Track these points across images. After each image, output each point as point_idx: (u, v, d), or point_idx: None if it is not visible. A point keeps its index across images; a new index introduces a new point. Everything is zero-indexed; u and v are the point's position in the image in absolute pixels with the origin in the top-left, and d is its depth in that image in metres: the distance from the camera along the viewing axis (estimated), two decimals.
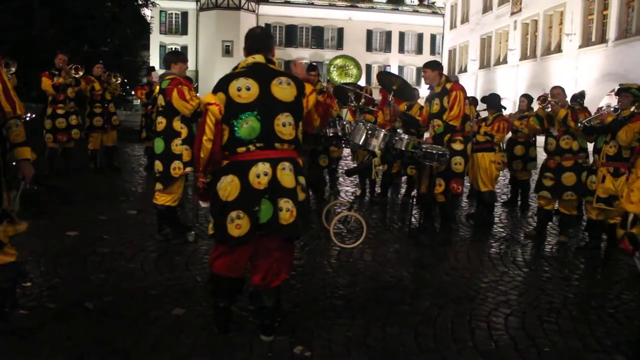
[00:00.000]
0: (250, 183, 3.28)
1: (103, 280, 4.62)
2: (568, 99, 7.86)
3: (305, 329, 3.81)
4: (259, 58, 3.48)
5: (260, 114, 3.30)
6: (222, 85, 3.38)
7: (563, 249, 6.50)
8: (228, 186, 3.31)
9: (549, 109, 6.61)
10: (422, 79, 6.75)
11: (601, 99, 19.33)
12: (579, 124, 6.23)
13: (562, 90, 6.69)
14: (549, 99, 6.65)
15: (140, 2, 22.28)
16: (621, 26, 19.91)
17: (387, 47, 46.73)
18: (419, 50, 46.83)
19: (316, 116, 3.66)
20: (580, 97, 8.37)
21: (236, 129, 3.30)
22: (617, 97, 6.10)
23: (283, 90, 3.38)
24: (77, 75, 9.10)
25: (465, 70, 34.08)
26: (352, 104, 7.52)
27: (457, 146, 6.16)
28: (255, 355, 3.43)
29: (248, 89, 3.32)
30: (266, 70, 3.44)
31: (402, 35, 46.76)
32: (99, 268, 4.90)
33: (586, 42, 22.07)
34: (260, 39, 3.59)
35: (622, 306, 4.68)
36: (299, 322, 3.93)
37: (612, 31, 20.26)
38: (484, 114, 8.66)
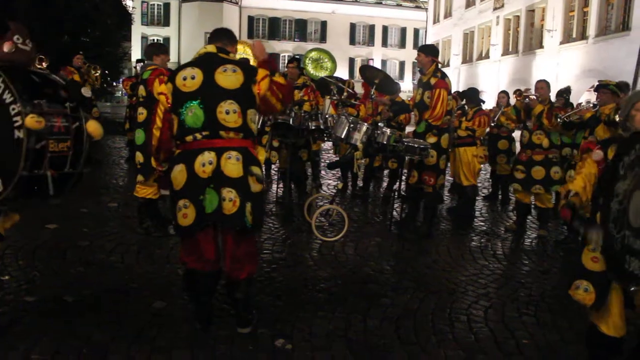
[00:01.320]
0: (196, 172, 3.28)
1: (82, 273, 4.57)
2: (553, 94, 7.94)
3: (287, 321, 3.81)
4: (210, 48, 3.52)
5: (203, 102, 3.31)
6: (171, 76, 3.46)
7: (542, 243, 6.59)
8: (178, 175, 3.33)
9: (527, 101, 6.70)
10: (405, 72, 6.75)
11: (581, 95, 19.54)
12: (559, 120, 6.31)
13: (547, 85, 6.75)
14: (525, 93, 6.74)
15: None
16: (601, 23, 20.13)
17: (370, 41, 46.74)
18: (402, 44, 46.93)
19: (274, 100, 3.51)
20: (566, 92, 8.49)
21: (182, 117, 3.33)
22: (596, 93, 6.18)
23: (227, 77, 3.35)
24: (40, 66, 8.94)
25: (448, 65, 34.23)
26: (335, 97, 7.51)
27: (431, 139, 6.17)
28: (236, 348, 3.42)
29: (193, 77, 3.34)
30: (214, 58, 3.45)
31: (385, 29, 46.79)
32: (79, 261, 4.85)
33: (567, 38, 22.29)
34: (219, 32, 3.64)
35: None
36: (280, 315, 3.93)
37: (592, 28, 20.48)
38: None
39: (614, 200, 2.82)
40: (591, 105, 6.24)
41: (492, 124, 8.50)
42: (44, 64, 9.00)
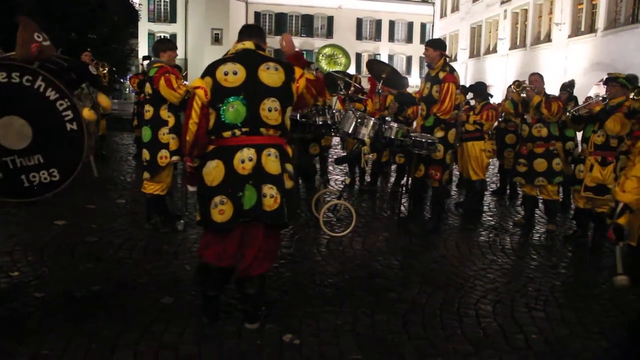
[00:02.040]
0: (235, 168, 3.26)
1: (91, 269, 4.59)
2: (557, 88, 7.89)
3: (294, 316, 3.81)
4: (248, 44, 3.48)
5: (246, 98, 3.29)
6: (210, 70, 3.39)
7: (551, 237, 6.55)
8: (213, 171, 3.29)
9: (524, 94, 6.69)
10: (412, 67, 6.73)
11: (590, 89, 19.42)
12: (568, 114, 6.28)
13: (541, 77, 6.78)
14: (524, 84, 6.72)
15: None
16: (610, 16, 19.95)
17: (377, 36, 46.61)
18: (409, 39, 46.77)
19: (309, 96, 3.60)
20: (569, 86, 8.43)
21: (222, 113, 3.29)
22: (605, 86, 6.12)
23: (270, 75, 3.36)
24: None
25: (455, 59, 34.07)
26: (342, 93, 7.49)
27: (438, 133, 6.16)
28: (243, 343, 3.42)
29: (235, 73, 3.31)
30: (254, 55, 3.43)
31: (392, 23, 46.63)
32: (87, 257, 4.86)
33: (575, 31, 22.12)
34: (251, 28, 3.63)
35: (608, 293, 4.72)
36: (287, 310, 3.93)
37: (601, 21, 20.31)
38: (473, 102, 8.67)
39: None
40: (600, 98, 6.18)
41: (500, 119, 8.46)
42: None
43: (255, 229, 3.41)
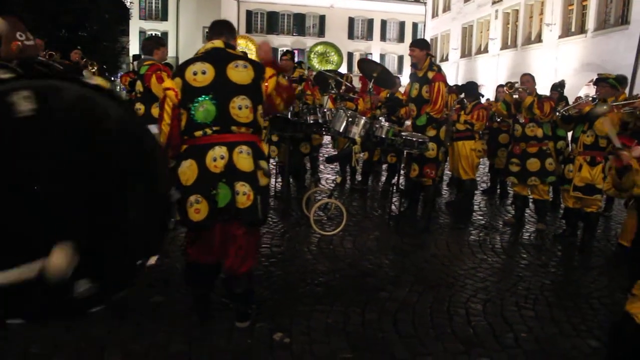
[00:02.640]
0: (207, 167, 3.27)
1: None
2: (548, 88, 7.93)
3: (285, 315, 3.82)
4: (217, 43, 3.49)
5: (215, 97, 3.30)
6: (180, 71, 3.41)
7: (541, 237, 6.59)
8: (187, 170, 3.30)
9: (516, 96, 6.73)
10: (404, 66, 6.77)
11: (580, 89, 19.54)
12: (557, 114, 6.33)
13: (532, 78, 6.82)
14: (516, 86, 6.77)
15: None
16: (600, 17, 20.07)
17: (369, 35, 46.60)
18: (401, 38, 46.80)
19: (279, 100, 3.58)
20: (560, 86, 8.48)
21: (193, 112, 3.31)
22: (595, 87, 6.17)
23: (239, 73, 3.36)
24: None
25: (447, 59, 34.17)
26: (333, 92, 7.49)
27: (430, 132, 6.21)
28: (234, 341, 3.42)
29: (204, 72, 3.32)
30: (223, 54, 3.44)
31: (384, 23, 46.66)
32: None
33: (566, 32, 22.22)
34: (220, 25, 3.62)
35: (596, 292, 4.76)
36: (278, 309, 3.93)
37: (591, 22, 20.41)
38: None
39: None
40: (590, 99, 6.23)
41: (498, 120, 8.45)
42: (56, 57, 8.95)
43: (233, 226, 3.40)
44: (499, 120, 8.41)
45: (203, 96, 3.30)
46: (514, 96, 6.80)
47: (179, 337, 3.44)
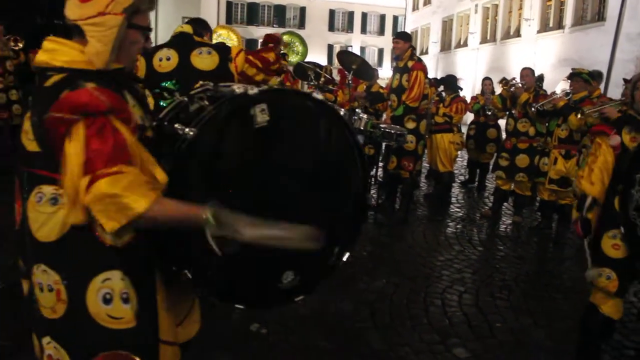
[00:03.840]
0: None
1: None
2: None
3: None
4: (186, 28, 3.58)
5: (178, 82, 3.34)
6: (148, 54, 3.47)
7: (517, 229, 6.68)
8: None
9: (513, 89, 6.76)
10: (384, 59, 6.78)
11: (557, 84, 19.78)
12: (532, 108, 6.39)
13: (532, 72, 6.81)
14: (512, 82, 6.80)
15: None
16: (577, 13, 20.29)
17: (349, 28, 46.56)
18: (381, 31, 46.85)
19: (254, 71, 3.54)
20: (538, 80, 8.54)
21: (156, 98, 3.35)
22: (569, 81, 6.25)
23: (203, 59, 3.41)
24: (16, 48, 8.74)
25: (427, 53, 34.29)
26: (312, 83, 7.48)
27: (410, 124, 6.24)
28: (211, 332, 3.41)
29: (168, 59, 3.41)
30: (189, 41, 3.51)
31: (364, 15, 46.64)
32: None
33: (544, 27, 22.43)
34: (193, 20, 3.76)
35: (569, 282, 4.85)
36: None
37: (568, 17, 20.64)
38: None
39: (635, 188, 2.84)
40: (564, 93, 6.31)
41: (489, 112, 8.41)
42: (19, 44, 8.78)
43: None
44: (489, 113, 8.44)
45: (167, 81, 3.35)
46: (511, 90, 6.82)
47: None
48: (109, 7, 1.58)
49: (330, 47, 44.21)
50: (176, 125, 1.72)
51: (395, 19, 46.19)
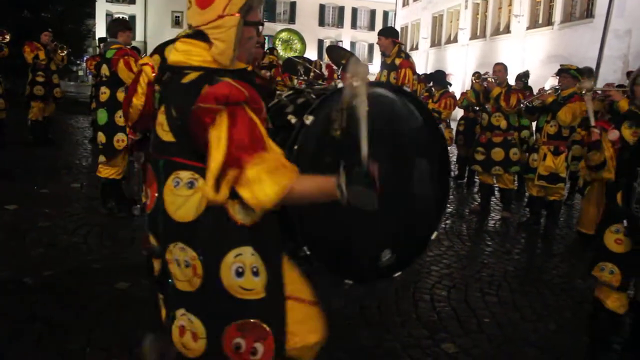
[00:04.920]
0: None
1: (43, 255, 4.48)
2: (514, 78, 8.02)
3: None
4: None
5: None
6: (159, 49, 3.32)
7: (505, 224, 6.71)
8: None
9: (485, 84, 6.83)
10: (375, 54, 6.78)
11: (546, 80, 19.87)
12: (522, 105, 6.44)
13: (504, 68, 6.90)
14: (484, 75, 6.87)
15: None
16: (566, 10, 20.42)
17: (339, 23, 46.51)
18: (372, 26, 46.82)
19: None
20: (524, 76, 8.61)
21: None
22: (558, 77, 6.29)
23: None
24: (4, 41, 8.67)
25: (417, 48, 34.34)
26: (302, 78, 7.46)
27: None
28: None
29: None
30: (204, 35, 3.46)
31: (354, 10, 46.60)
32: (39, 243, 4.74)
33: (533, 23, 22.55)
34: None
35: (557, 278, 4.89)
36: None
37: (557, 14, 20.76)
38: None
39: (638, 181, 2.86)
40: (552, 90, 6.34)
41: (477, 109, 8.45)
42: (7, 36, 8.69)
43: None
44: (477, 109, 8.45)
45: None
46: (484, 84, 6.89)
47: (144, 324, 3.40)
48: (226, 10, 1.76)
49: (320, 42, 44.14)
50: (289, 117, 1.94)
51: (386, 14, 46.17)
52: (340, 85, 2.01)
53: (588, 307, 4.21)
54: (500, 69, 6.85)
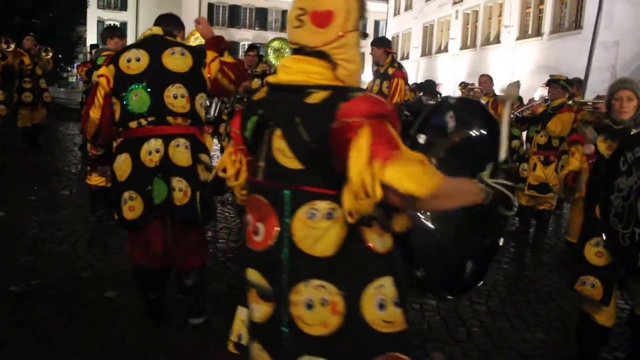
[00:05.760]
0: (142, 161, 3.08)
1: (31, 263, 4.44)
2: (499, 88, 8.09)
3: None
4: (155, 30, 3.33)
5: (149, 85, 3.10)
6: (114, 58, 3.22)
7: None
8: (122, 165, 3.13)
9: (472, 94, 6.89)
10: (366, 63, 6.80)
11: (536, 90, 20.03)
12: (512, 115, 6.48)
13: (490, 79, 6.99)
14: (470, 85, 6.95)
15: None
16: (555, 21, 20.62)
17: None
18: (363, 35, 47.06)
19: (226, 82, 3.38)
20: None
21: (126, 102, 3.11)
22: (548, 88, 6.35)
23: (175, 60, 3.17)
24: (9, 50, 8.66)
25: (408, 57, 34.52)
26: None
27: None
28: (190, 337, 3.39)
29: (138, 59, 3.13)
30: (160, 41, 3.26)
31: None
32: (27, 250, 4.70)
33: (523, 34, 22.74)
34: (164, 16, 3.51)
35: (546, 288, 4.91)
36: (234, 304, 3.90)
37: (547, 25, 20.96)
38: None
39: (615, 195, 2.86)
40: (542, 100, 6.41)
41: None
42: (11, 45, 8.70)
43: (174, 224, 3.26)
44: None
45: (136, 84, 3.10)
46: (470, 94, 6.95)
47: (133, 332, 3.39)
48: (344, 27, 1.66)
49: None
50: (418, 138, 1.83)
51: (377, 23, 46.39)
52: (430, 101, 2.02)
53: (577, 317, 4.25)
54: (486, 80, 6.95)
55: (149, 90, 3.10)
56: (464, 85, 7.17)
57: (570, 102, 5.82)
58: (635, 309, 3.30)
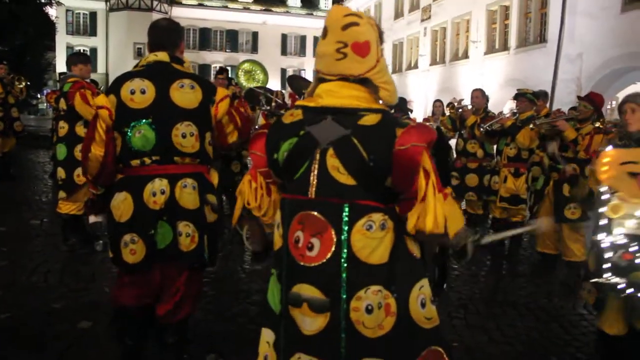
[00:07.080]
0: (145, 202, 2.79)
1: (1, 296, 4.33)
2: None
3: (218, 334, 3.75)
4: (161, 56, 2.92)
5: (155, 122, 2.79)
6: (115, 87, 2.86)
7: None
8: (121, 205, 2.82)
9: (460, 111, 6.94)
10: None
11: (505, 103, 20.39)
12: (481, 129, 6.55)
13: (482, 94, 6.91)
14: (458, 104, 6.97)
15: (42, 1, 21.15)
16: (521, 35, 21.07)
17: (302, 51, 47.00)
18: None
19: (231, 128, 3.07)
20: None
21: (128, 138, 2.79)
22: (515, 101, 6.46)
23: (184, 95, 2.84)
24: (20, 86, 8.65)
25: None
26: (264, 108, 7.49)
27: None
28: None
29: (143, 92, 2.79)
30: (167, 70, 2.89)
31: (316, 39, 47.01)
32: None
33: (490, 49, 23.17)
34: (163, 33, 3.02)
35: (523, 299, 4.95)
36: (212, 329, 3.86)
37: (513, 39, 21.40)
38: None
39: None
40: (511, 113, 6.51)
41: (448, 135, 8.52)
42: (22, 83, 8.76)
43: (173, 269, 2.92)
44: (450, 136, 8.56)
45: (140, 120, 2.78)
46: (459, 112, 6.99)
47: None
48: (378, 54, 1.90)
49: (283, 71, 44.44)
50: None
51: None
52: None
53: (555, 326, 4.30)
54: (478, 95, 6.85)
55: (154, 127, 2.79)
56: (452, 107, 7.16)
57: (536, 121, 5.84)
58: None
